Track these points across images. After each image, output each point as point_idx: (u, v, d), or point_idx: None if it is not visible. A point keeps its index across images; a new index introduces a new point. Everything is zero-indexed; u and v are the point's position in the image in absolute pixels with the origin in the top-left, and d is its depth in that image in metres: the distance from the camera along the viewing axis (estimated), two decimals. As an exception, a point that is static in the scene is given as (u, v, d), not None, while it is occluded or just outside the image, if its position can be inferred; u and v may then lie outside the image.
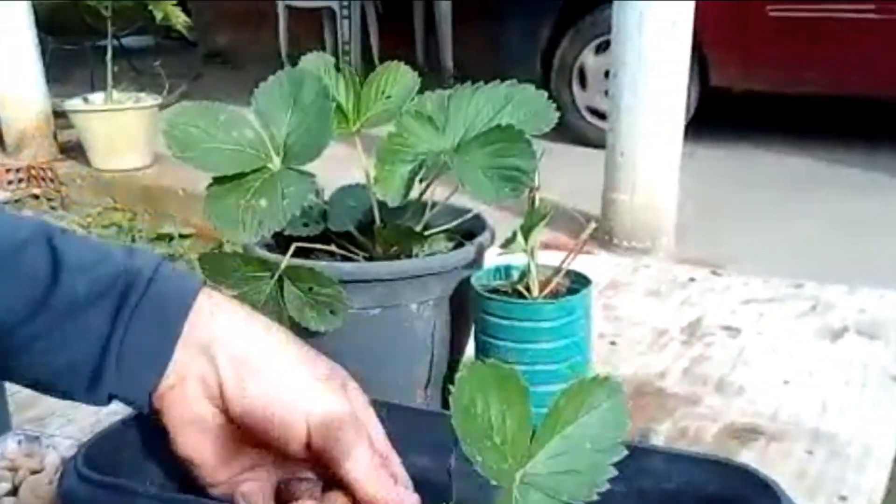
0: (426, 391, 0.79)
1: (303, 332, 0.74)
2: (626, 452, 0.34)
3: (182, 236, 3.43)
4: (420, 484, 0.57)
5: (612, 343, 0.95)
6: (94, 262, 0.51)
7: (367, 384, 0.77)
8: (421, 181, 0.73)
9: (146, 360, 0.50)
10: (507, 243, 0.75)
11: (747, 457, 0.74)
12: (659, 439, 0.77)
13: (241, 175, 0.70)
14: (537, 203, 0.74)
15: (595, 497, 0.33)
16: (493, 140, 0.69)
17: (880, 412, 0.81)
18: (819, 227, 2.63)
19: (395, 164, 0.69)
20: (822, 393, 0.84)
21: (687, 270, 1.16)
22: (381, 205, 0.80)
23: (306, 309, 0.73)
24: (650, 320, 1.01)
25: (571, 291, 0.76)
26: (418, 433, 0.56)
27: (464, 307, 0.80)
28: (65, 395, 0.52)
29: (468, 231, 0.83)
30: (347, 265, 0.75)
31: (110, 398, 0.51)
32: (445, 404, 0.82)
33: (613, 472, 0.34)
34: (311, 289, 0.73)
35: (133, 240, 3.43)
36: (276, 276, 0.73)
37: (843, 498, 0.69)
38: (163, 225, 3.50)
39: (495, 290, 0.76)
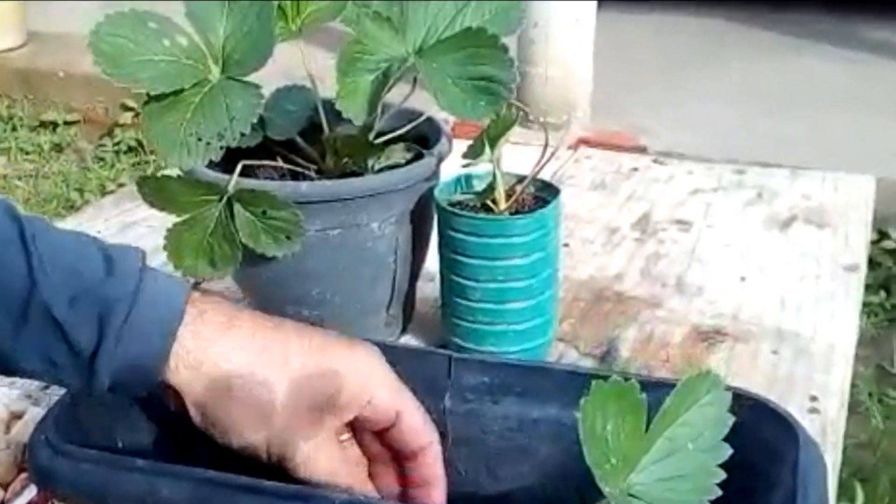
0: (388, 311, 0.75)
1: (258, 259, 0.69)
2: (730, 451, 0.31)
3: (67, 123, 3.21)
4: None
5: (565, 245, 0.92)
6: (71, 269, 0.46)
7: (328, 308, 0.73)
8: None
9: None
10: (474, 153, 0.71)
11: (716, 360, 0.74)
12: (626, 346, 0.76)
13: (180, 91, 0.62)
14: (503, 109, 0.69)
15: (706, 504, 0.31)
16: (463, 44, 0.63)
17: (837, 304, 0.82)
18: (734, 95, 2.64)
19: (357, 75, 0.63)
20: (779, 289, 0.84)
21: (630, 159, 1.14)
22: (327, 109, 0.74)
23: (260, 234, 0.67)
24: (600, 217, 0.99)
25: (538, 201, 0.73)
26: (412, 372, 0.52)
27: (423, 221, 0.75)
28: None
29: (420, 136, 0.77)
30: (303, 185, 0.69)
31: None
32: (407, 323, 0.79)
33: (722, 475, 0.31)
34: (264, 212, 0.67)
35: (14, 129, 3.20)
36: (224, 199, 0.67)
37: (813, 398, 0.69)
38: (45, 111, 3.27)
39: (459, 204, 0.72)
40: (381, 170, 0.74)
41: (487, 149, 0.69)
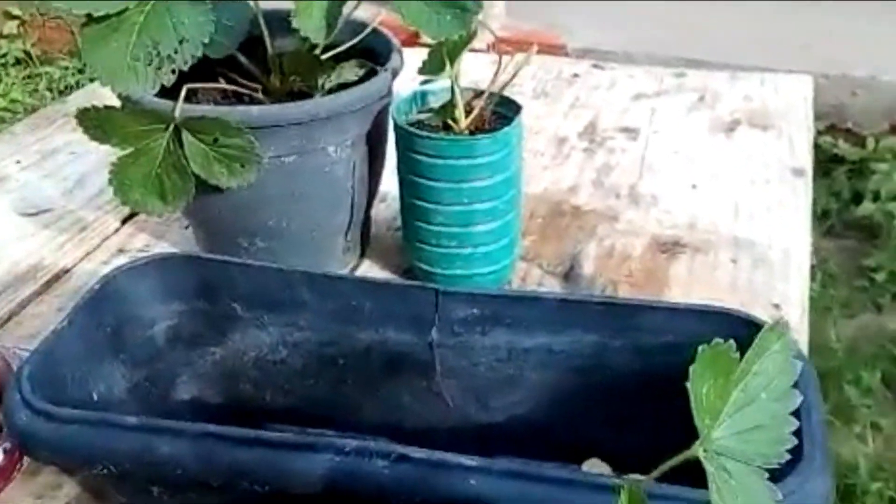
0: (346, 237, 0.73)
1: (209, 189, 0.65)
2: (801, 398, 0.31)
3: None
4: (403, 359, 0.53)
5: (516, 156, 0.90)
6: None
7: (285, 237, 0.70)
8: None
9: None
10: (432, 69, 0.67)
11: (678, 271, 0.74)
12: (589, 262, 0.75)
13: (122, 11, 0.57)
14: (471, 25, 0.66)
15: (786, 456, 0.30)
16: (426, -44, 0.58)
17: (788, 210, 0.83)
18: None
19: (313, -9, 0.58)
20: (731, 195, 0.84)
21: (569, 64, 1.12)
22: (269, 23, 0.70)
23: (213, 164, 0.63)
24: (546, 127, 0.97)
25: (497, 117, 0.70)
26: (397, 308, 0.51)
27: (379, 141, 0.72)
28: None
29: (367, 48, 0.73)
30: (254, 109, 0.65)
31: None
32: (365, 247, 0.76)
33: (795, 423, 0.31)
34: (215, 140, 0.63)
35: None
36: (171, 128, 0.63)
37: (776, 306, 0.71)
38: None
39: (419, 123, 0.69)
40: (332, 89, 0.70)
41: (447, 65, 0.66)
